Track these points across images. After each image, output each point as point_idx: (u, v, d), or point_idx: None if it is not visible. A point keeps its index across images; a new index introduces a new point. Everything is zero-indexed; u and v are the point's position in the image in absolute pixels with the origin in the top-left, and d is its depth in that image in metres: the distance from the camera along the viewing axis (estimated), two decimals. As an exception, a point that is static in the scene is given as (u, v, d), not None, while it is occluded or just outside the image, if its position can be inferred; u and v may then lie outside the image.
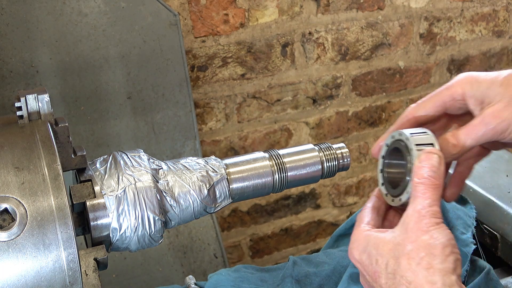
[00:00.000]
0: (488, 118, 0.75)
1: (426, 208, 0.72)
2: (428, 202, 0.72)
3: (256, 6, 1.84)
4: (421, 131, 0.80)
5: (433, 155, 0.75)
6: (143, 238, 0.74)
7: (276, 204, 2.18)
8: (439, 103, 0.81)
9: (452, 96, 0.80)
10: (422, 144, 0.77)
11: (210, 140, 1.97)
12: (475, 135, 0.76)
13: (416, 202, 0.73)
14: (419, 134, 0.79)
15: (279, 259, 2.28)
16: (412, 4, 2.07)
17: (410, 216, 0.72)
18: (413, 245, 0.70)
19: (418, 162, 0.75)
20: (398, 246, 0.71)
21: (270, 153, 0.83)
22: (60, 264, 0.64)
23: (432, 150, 0.76)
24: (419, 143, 0.77)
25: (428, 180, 0.73)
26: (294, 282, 1.04)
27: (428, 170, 0.74)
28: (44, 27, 1.54)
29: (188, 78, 1.71)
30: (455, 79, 0.81)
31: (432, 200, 0.72)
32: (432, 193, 0.73)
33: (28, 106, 0.71)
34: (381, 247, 0.73)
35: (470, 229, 1.03)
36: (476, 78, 0.79)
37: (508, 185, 1.16)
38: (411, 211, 0.73)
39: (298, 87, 2.02)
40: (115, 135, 1.67)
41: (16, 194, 0.63)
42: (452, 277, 0.68)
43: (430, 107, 0.82)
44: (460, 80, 0.80)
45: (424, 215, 0.71)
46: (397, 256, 0.70)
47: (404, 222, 0.72)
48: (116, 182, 0.73)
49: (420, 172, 0.74)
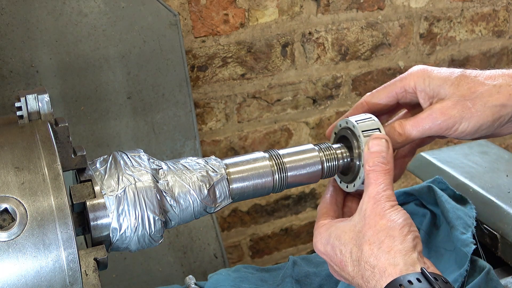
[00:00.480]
0: (435, 114, 0.79)
1: (380, 193, 0.74)
2: (382, 187, 0.75)
3: (256, 6, 1.84)
4: (366, 117, 0.83)
5: (380, 140, 0.79)
6: (143, 238, 0.74)
7: (276, 204, 2.18)
8: (392, 93, 0.85)
9: (404, 88, 0.84)
10: (369, 130, 0.80)
11: (210, 140, 1.97)
12: (421, 128, 0.80)
13: (370, 189, 0.76)
14: (364, 120, 0.82)
15: (279, 259, 2.28)
16: (412, 4, 2.07)
17: (366, 203, 0.75)
18: (372, 230, 0.72)
19: (367, 148, 0.79)
20: (359, 233, 0.73)
21: (270, 153, 0.83)
22: (60, 264, 0.64)
23: (379, 135, 0.79)
24: (365, 129, 0.81)
25: (378, 167, 0.76)
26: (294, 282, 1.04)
27: (377, 156, 0.77)
28: (44, 27, 1.54)
29: (188, 78, 1.71)
30: (409, 71, 0.84)
31: (385, 185, 0.75)
32: (384, 178, 0.76)
33: (28, 106, 0.71)
34: (343, 237, 0.75)
35: (470, 229, 1.03)
36: (429, 73, 0.81)
37: (508, 185, 1.16)
38: (366, 198, 0.75)
39: (298, 87, 2.02)
40: (115, 135, 1.67)
41: (16, 194, 0.63)
42: (413, 255, 0.70)
43: (383, 96, 0.86)
44: (414, 73, 0.83)
45: (379, 200, 0.74)
46: (359, 244, 0.73)
47: (362, 209, 0.75)
48: (116, 182, 0.73)
49: (371, 159, 0.77)
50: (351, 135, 0.83)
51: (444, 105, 0.79)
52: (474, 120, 0.78)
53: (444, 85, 0.79)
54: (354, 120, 0.82)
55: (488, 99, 0.78)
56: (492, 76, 0.80)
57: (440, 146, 2.35)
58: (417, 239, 0.72)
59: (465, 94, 0.78)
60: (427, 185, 1.12)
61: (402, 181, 2.38)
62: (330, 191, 0.87)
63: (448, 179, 1.18)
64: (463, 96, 0.78)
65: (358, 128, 0.81)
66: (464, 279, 0.97)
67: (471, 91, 0.78)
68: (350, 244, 0.74)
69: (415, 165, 1.33)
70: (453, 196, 1.12)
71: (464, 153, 1.30)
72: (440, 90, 0.80)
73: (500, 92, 0.78)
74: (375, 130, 0.81)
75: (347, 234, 0.75)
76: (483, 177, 1.19)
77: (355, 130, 0.82)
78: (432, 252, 1.07)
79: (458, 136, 0.81)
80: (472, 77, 0.79)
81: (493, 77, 0.79)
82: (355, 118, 0.83)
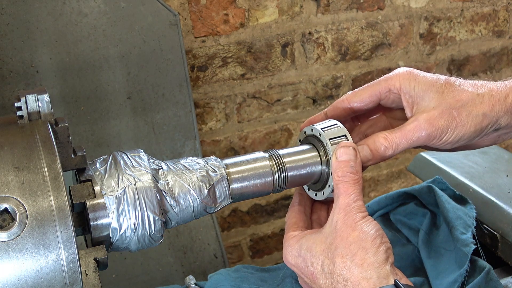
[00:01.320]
0: (423, 124, 0.77)
1: (351, 204, 0.74)
2: (352, 197, 0.74)
3: (256, 6, 1.84)
4: (331, 124, 0.82)
5: (348, 149, 0.77)
6: (143, 238, 0.74)
7: (276, 204, 2.18)
8: (376, 92, 0.83)
9: (388, 87, 0.82)
10: (335, 137, 0.80)
11: (210, 140, 1.97)
12: (409, 139, 0.78)
13: (340, 200, 0.75)
14: (330, 127, 0.81)
15: (279, 259, 2.28)
16: (412, 4, 2.07)
17: (337, 215, 0.74)
18: (344, 242, 0.71)
19: (335, 157, 0.78)
20: (331, 245, 0.73)
21: (270, 153, 0.83)
22: (60, 264, 0.64)
23: (347, 143, 0.78)
24: (331, 137, 0.80)
25: (348, 177, 0.76)
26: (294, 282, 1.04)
27: (346, 165, 0.76)
28: (44, 27, 1.54)
29: (188, 78, 1.71)
30: (395, 72, 0.83)
31: (355, 195, 0.75)
32: (354, 188, 0.75)
33: (28, 106, 0.71)
34: (314, 249, 0.74)
35: (470, 229, 1.03)
36: (416, 76, 0.80)
37: (508, 185, 1.16)
38: (337, 210, 0.74)
39: (298, 87, 2.02)
40: (115, 135, 1.67)
41: (16, 194, 0.63)
42: (386, 267, 0.69)
43: (366, 95, 0.84)
44: (400, 74, 0.82)
45: (350, 211, 0.73)
46: (332, 256, 0.72)
47: (332, 221, 0.74)
48: (116, 182, 0.73)
49: (339, 169, 0.76)
50: (317, 142, 0.82)
51: (431, 115, 0.78)
52: (458, 129, 0.78)
53: (429, 91, 0.78)
54: (319, 127, 0.81)
55: (472, 109, 0.78)
56: (476, 85, 0.79)
57: (440, 146, 2.35)
58: (389, 251, 0.72)
59: (450, 103, 0.78)
60: (427, 185, 1.12)
61: (402, 181, 2.38)
62: (298, 200, 0.85)
63: (448, 179, 1.18)
64: (449, 104, 0.78)
65: (324, 135, 0.80)
66: (464, 279, 0.97)
67: (455, 99, 0.77)
68: (322, 257, 0.73)
69: (415, 165, 1.33)
70: (453, 196, 1.12)
71: (464, 153, 1.30)
72: (424, 96, 0.79)
73: (483, 102, 0.78)
74: (342, 137, 0.80)
75: (319, 246, 0.74)
76: (483, 177, 1.19)
77: (321, 138, 0.81)
78: (432, 252, 1.07)
79: (440, 145, 0.80)
80: (456, 85, 0.79)
81: (476, 87, 0.79)
82: (320, 126, 0.82)
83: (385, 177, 2.34)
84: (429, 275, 1.03)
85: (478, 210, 1.09)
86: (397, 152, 0.80)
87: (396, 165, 2.33)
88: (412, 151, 2.31)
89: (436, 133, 0.78)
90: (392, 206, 1.17)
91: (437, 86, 0.78)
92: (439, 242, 1.07)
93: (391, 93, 0.83)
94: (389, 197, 1.16)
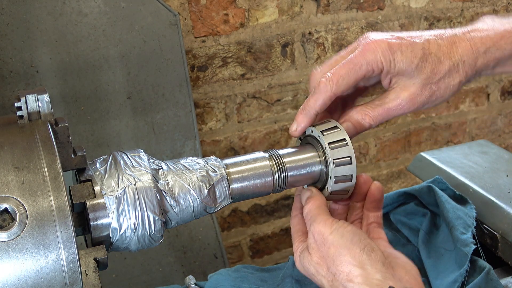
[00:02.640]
0: (405, 103, 0.81)
1: None
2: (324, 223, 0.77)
3: (256, 6, 1.84)
4: (331, 126, 0.82)
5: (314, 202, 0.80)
6: (143, 238, 0.74)
7: (276, 204, 2.18)
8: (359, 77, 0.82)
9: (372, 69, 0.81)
10: (335, 142, 0.80)
11: (210, 140, 1.97)
12: (390, 115, 0.82)
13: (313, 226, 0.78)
14: (330, 131, 0.81)
15: (279, 259, 2.28)
16: (412, 4, 2.07)
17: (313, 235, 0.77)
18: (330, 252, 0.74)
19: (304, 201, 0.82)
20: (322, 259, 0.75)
21: (270, 153, 0.83)
22: (60, 264, 0.64)
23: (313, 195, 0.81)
24: (331, 140, 0.80)
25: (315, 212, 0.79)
26: (294, 282, 1.04)
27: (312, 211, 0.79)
28: (44, 27, 1.54)
29: (188, 78, 1.71)
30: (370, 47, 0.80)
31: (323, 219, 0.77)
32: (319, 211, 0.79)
33: (28, 106, 0.71)
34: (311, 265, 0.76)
35: (470, 229, 1.03)
36: (394, 53, 0.80)
37: (508, 185, 1.15)
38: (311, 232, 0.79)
39: (298, 87, 2.02)
40: (115, 135, 1.67)
41: (16, 194, 0.63)
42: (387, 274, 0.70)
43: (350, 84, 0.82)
44: (377, 51, 0.80)
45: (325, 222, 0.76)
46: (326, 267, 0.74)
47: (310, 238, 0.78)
48: (116, 182, 0.73)
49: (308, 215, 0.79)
50: (316, 143, 0.82)
51: (412, 93, 0.80)
52: (437, 101, 0.82)
53: (409, 68, 0.80)
54: (319, 130, 0.81)
55: (449, 80, 0.81)
56: (449, 51, 0.80)
57: (440, 146, 2.35)
58: None
59: (429, 76, 0.80)
60: (427, 185, 1.12)
61: (402, 181, 2.38)
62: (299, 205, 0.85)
63: (448, 179, 1.18)
64: (428, 78, 0.80)
65: (324, 139, 0.81)
66: (464, 279, 0.97)
67: (433, 72, 0.80)
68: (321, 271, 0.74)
69: (415, 165, 1.32)
70: (453, 196, 1.12)
71: (464, 153, 1.30)
72: (404, 72, 0.80)
73: (459, 71, 0.80)
74: (342, 141, 0.80)
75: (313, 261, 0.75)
76: (483, 177, 1.19)
77: (320, 141, 0.81)
78: (432, 252, 1.07)
79: None
80: (432, 55, 0.80)
81: (449, 54, 0.80)
82: (320, 127, 0.82)
83: (385, 177, 2.34)
84: (429, 275, 1.03)
85: (478, 210, 1.09)
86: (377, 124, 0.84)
87: (396, 165, 2.33)
88: (412, 151, 2.31)
89: (417, 108, 0.82)
90: (392, 206, 1.17)
91: (416, 62, 0.79)
92: (439, 242, 1.07)
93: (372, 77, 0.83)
94: (389, 197, 1.16)
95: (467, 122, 2.39)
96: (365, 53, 0.80)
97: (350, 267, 0.70)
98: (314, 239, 0.75)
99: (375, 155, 2.28)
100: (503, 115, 2.45)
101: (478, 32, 0.81)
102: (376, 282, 0.68)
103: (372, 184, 0.83)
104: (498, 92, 2.40)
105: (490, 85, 2.36)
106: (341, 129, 0.81)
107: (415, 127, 2.29)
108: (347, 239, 0.72)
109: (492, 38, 0.80)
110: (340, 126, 0.82)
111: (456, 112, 2.35)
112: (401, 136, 2.28)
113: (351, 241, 0.72)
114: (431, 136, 2.34)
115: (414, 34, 0.81)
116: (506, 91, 2.41)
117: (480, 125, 2.42)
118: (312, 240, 0.75)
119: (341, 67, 0.81)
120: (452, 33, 0.82)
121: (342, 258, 0.71)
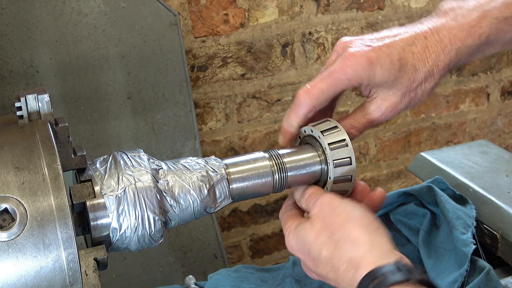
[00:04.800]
0: (388, 112, 0.84)
1: None
2: None
3: (256, 6, 1.84)
4: (331, 126, 0.82)
5: None
6: (143, 238, 0.74)
7: (276, 204, 2.18)
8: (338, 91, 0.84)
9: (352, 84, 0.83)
10: (335, 142, 0.80)
11: (210, 140, 1.97)
12: (373, 124, 0.86)
13: None
14: (330, 131, 0.81)
15: (279, 259, 2.28)
16: (412, 4, 2.07)
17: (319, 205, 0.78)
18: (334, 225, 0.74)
19: None
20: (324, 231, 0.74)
21: (270, 153, 0.83)
22: (60, 264, 0.64)
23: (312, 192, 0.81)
24: (331, 141, 0.80)
25: None
26: (294, 282, 1.04)
27: None
28: (44, 27, 1.54)
29: (188, 78, 1.71)
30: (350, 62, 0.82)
31: None
32: None
33: (28, 106, 0.71)
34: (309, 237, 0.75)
35: (470, 229, 1.03)
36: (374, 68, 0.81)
37: (508, 185, 1.15)
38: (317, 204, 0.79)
39: (298, 87, 2.02)
40: (115, 135, 1.67)
41: (16, 194, 0.63)
42: None
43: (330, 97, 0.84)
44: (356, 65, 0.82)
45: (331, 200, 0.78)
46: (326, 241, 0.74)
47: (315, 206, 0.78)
48: (116, 182, 0.73)
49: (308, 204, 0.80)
50: (315, 143, 0.82)
51: (392, 103, 0.83)
52: (415, 104, 0.85)
53: (388, 81, 0.82)
54: (319, 130, 0.81)
55: (425, 85, 0.83)
56: (423, 58, 0.82)
57: (440, 146, 2.35)
58: None
59: (407, 85, 0.82)
60: (427, 185, 1.12)
61: (402, 181, 2.38)
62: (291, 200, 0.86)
63: (448, 179, 1.18)
64: (406, 86, 0.82)
65: (324, 140, 0.81)
66: (464, 279, 0.97)
67: (411, 81, 0.82)
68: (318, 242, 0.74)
69: (415, 165, 1.33)
70: (453, 196, 1.12)
71: (464, 153, 1.30)
72: (383, 84, 0.82)
73: (434, 75, 0.83)
74: (341, 141, 0.80)
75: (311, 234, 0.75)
76: (483, 177, 1.19)
77: (320, 141, 0.81)
78: (432, 252, 1.07)
79: None
80: (409, 64, 0.82)
81: (424, 60, 0.82)
82: (320, 127, 0.82)
83: (385, 177, 2.34)
84: (429, 275, 1.03)
85: (478, 210, 1.09)
86: None
87: (396, 165, 2.34)
88: (412, 151, 2.31)
89: (398, 114, 0.86)
90: (392, 206, 1.17)
91: (394, 74, 0.81)
92: (439, 242, 1.07)
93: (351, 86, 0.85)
94: (389, 197, 1.16)
95: (467, 122, 2.39)
96: (346, 68, 0.82)
97: (359, 232, 0.70)
98: (321, 209, 0.75)
99: (375, 155, 2.28)
100: (503, 115, 2.45)
101: (445, 30, 0.83)
102: (386, 249, 0.69)
103: (377, 191, 0.85)
104: (498, 92, 2.40)
105: (490, 85, 2.37)
106: (341, 129, 0.81)
107: (415, 127, 2.29)
108: (357, 209, 0.74)
109: (460, 38, 0.83)
110: (340, 126, 0.82)
111: (456, 112, 2.35)
112: (401, 136, 2.28)
113: (362, 212, 0.73)
114: (431, 136, 2.34)
115: (388, 41, 0.83)
116: (506, 91, 2.41)
117: (480, 125, 2.42)
118: (318, 210, 0.75)
119: (321, 80, 0.83)
120: (423, 36, 0.84)
121: (350, 225, 0.71)
